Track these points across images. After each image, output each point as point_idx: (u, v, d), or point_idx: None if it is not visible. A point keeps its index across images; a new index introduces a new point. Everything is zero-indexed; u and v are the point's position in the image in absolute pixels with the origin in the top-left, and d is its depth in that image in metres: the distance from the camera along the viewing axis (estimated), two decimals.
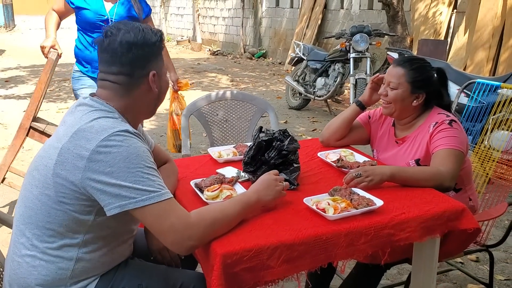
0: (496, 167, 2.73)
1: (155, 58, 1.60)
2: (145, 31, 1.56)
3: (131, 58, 1.54)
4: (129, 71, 1.55)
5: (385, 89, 2.20)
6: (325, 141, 2.42)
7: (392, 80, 2.17)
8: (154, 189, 1.43)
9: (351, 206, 1.67)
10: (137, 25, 1.57)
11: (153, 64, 1.59)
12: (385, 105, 2.22)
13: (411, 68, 2.15)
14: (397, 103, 2.17)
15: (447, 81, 2.26)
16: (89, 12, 3.29)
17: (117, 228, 1.57)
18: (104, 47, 1.55)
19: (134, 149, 1.44)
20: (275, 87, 9.24)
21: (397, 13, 7.58)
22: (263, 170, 1.88)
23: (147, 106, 1.65)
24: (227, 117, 3.17)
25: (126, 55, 1.53)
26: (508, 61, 6.57)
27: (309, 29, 10.73)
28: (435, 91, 2.20)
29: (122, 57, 1.53)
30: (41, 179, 1.48)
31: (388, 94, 2.18)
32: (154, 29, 1.62)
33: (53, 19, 3.39)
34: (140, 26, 1.57)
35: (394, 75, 2.17)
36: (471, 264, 3.00)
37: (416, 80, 2.14)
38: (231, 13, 14.51)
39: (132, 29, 1.54)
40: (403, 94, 2.15)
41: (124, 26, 1.56)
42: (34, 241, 1.49)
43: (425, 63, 2.23)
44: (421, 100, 2.16)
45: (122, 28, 1.54)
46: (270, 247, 1.46)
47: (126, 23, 1.58)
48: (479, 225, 1.79)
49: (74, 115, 1.54)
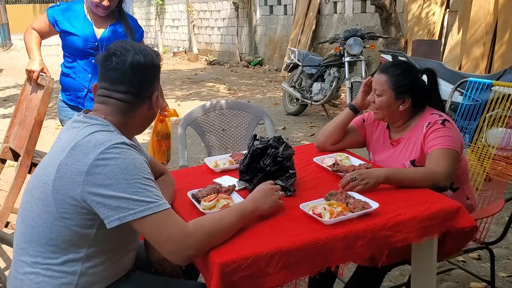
0: (494, 164, 2.73)
1: (158, 79, 1.70)
2: (152, 53, 1.65)
3: (140, 79, 1.61)
4: (137, 91, 1.62)
5: (372, 96, 2.24)
6: (320, 146, 2.43)
7: (377, 87, 2.21)
8: (152, 200, 1.45)
9: (347, 209, 1.68)
10: (143, 47, 1.65)
11: (156, 84, 1.68)
12: (375, 111, 2.26)
13: (394, 75, 2.17)
14: (384, 109, 2.20)
15: (437, 81, 2.27)
16: (77, 38, 3.02)
17: (119, 240, 1.58)
18: (112, 66, 1.58)
19: (131, 160, 1.46)
20: (272, 94, 9.26)
21: (390, 15, 7.61)
22: (259, 178, 1.89)
23: (142, 123, 1.71)
24: (223, 126, 3.19)
25: (136, 76, 1.60)
26: (503, 57, 6.60)
27: (304, 35, 10.77)
28: (423, 93, 2.22)
29: (133, 78, 1.59)
30: (41, 196, 1.50)
31: (375, 101, 2.22)
32: (155, 51, 1.70)
33: (34, 39, 3.06)
34: (147, 49, 1.65)
35: (378, 82, 2.20)
36: (473, 262, 3.00)
37: (399, 85, 2.16)
38: (225, 22, 14.57)
39: (140, 51, 1.61)
40: (388, 100, 2.18)
41: (131, 47, 1.61)
42: (37, 259, 1.50)
43: (409, 67, 2.25)
44: (408, 104, 2.18)
45: (130, 49, 1.60)
46: (268, 254, 1.47)
47: (132, 44, 1.64)
48: (476, 223, 1.80)
49: (70, 132, 1.56)
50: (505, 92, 2.94)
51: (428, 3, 7.80)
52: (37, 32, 3.08)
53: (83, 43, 3.03)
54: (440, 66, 4.61)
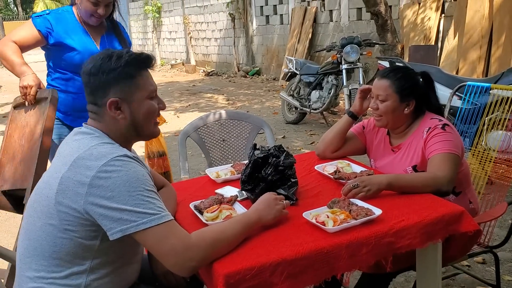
0: (495, 167, 2.73)
1: (116, 84, 1.56)
2: (104, 58, 1.56)
3: (91, 87, 1.59)
4: (93, 100, 1.60)
5: (375, 103, 2.22)
6: (321, 154, 2.43)
7: (380, 93, 2.19)
8: (155, 212, 1.44)
9: (350, 217, 1.68)
10: (103, 53, 1.60)
11: (114, 91, 1.56)
12: (377, 118, 2.24)
13: (396, 78, 2.17)
14: (389, 114, 2.19)
15: (433, 83, 2.28)
16: (77, 54, 2.71)
17: (123, 252, 1.58)
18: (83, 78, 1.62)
19: (133, 173, 1.45)
20: (270, 103, 9.28)
21: (386, 21, 7.65)
22: (261, 188, 1.89)
23: (125, 132, 1.62)
24: (224, 137, 3.18)
25: (87, 84, 1.59)
26: (500, 60, 6.63)
27: (300, 44, 10.82)
28: (424, 95, 2.22)
29: (87, 87, 1.60)
30: (44, 210, 1.49)
31: (379, 107, 2.20)
32: (126, 53, 1.58)
33: (16, 52, 2.63)
34: (105, 53, 1.59)
35: (381, 87, 2.19)
36: (478, 266, 2.99)
37: (403, 88, 2.16)
38: (222, 33, 14.63)
39: (93, 59, 1.58)
40: (393, 104, 2.17)
41: (93, 55, 1.60)
42: (41, 273, 1.50)
43: (408, 70, 2.26)
44: (412, 106, 2.19)
45: (91, 57, 1.60)
46: (272, 264, 1.46)
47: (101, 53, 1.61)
48: (479, 227, 1.79)
49: (71, 145, 1.56)
50: (503, 95, 2.94)
51: (423, 9, 7.85)
52: (16, 45, 2.66)
53: (85, 57, 2.55)
54: (437, 71, 4.62)
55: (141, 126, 1.63)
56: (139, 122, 1.62)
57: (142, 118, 1.62)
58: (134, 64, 1.58)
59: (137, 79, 1.59)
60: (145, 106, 1.61)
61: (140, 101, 1.60)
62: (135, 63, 1.58)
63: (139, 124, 1.62)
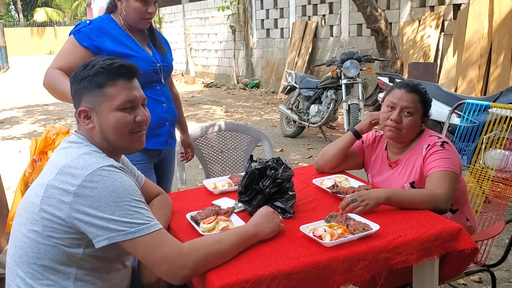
0: (493, 186, 2.73)
1: (87, 93, 1.54)
2: (82, 66, 1.57)
3: (72, 95, 1.61)
4: (75, 108, 1.60)
5: (399, 115, 2.16)
6: (319, 169, 2.42)
7: (410, 105, 2.15)
8: (143, 221, 1.44)
9: (347, 231, 1.67)
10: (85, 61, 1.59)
11: (85, 100, 1.55)
12: (394, 130, 2.17)
13: (425, 93, 2.20)
14: (411, 128, 2.17)
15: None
16: (137, 60, 2.24)
17: (109, 259, 1.56)
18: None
19: (120, 183, 1.45)
20: (269, 116, 9.29)
21: (386, 38, 7.70)
22: (258, 200, 1.88)
23: (101, 143, 1.58)
24: (222, 148, 3.18)
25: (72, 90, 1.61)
26: (499, 79, 6.66)
27: (300, 58, 10.87)
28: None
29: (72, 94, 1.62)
30: (28, 216, 1.49)
31: (403, 120, 2.16)
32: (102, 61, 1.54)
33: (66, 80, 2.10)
34: (87, 61, 1.58)
35: (412, 100, 2.15)
36: (474, 285, 2.97)
37: (428, 104, 2.20)
38: (222, 45, 14.70)
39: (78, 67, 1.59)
40: (417, 119, 2.18)
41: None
42: (27, 280, 1.48)
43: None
44: (426, 123, 2.22)
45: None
46: (268, 277, 1.45)
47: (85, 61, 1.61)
48: (476, 245, 1.78)
49: (60, 153, 1.56)
50: (502, 114, 2.95)
51: (423, 27, 7.90)
52: (62, 72, 2.25)
53: (144, 65, 2.30)
54: (436, 88, 4.64)
55: (111, 138, 1.57)
56: (108, 134, 1.56)
57: (111, 130, 1.56)
58: (105, 73, 1.53)
59: (107, 89, 1.53)
60: (113, 117, 1.55)
61: (107, 112, 1.55)
62: (106, 73, 1.53)
63: (108, 136, 1.56)
